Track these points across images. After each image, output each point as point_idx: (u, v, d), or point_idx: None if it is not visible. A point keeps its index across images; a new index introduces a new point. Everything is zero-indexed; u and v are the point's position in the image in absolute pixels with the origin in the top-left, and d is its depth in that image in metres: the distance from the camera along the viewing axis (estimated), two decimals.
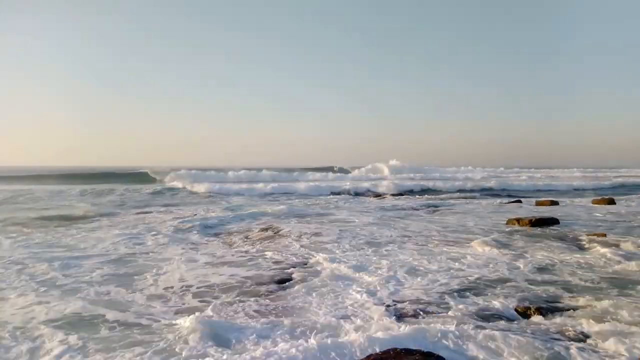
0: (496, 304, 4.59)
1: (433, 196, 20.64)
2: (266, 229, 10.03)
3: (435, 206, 15.46)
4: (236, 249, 7.95)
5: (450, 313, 4.41)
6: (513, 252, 7.23)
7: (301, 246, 7.90)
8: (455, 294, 5.03)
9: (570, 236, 8.70)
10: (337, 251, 7.46)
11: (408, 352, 3.24)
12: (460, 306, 4.56)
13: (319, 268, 6.28)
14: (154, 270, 6.26)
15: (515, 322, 4.16)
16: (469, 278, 5.66)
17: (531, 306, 4.46)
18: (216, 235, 9.64)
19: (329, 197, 20.65)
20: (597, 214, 12.57)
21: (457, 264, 6.48)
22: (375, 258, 6.89)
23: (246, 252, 7.66)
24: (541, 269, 6.11)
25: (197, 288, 5.42)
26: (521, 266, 6.28)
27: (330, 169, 49.65)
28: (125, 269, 6.40)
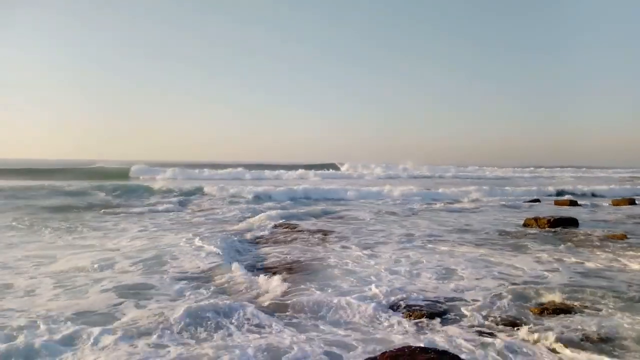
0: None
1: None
2: None
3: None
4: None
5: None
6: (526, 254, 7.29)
7: None
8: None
9: (588, 237, 8.76)
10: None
11: (423, 350, 3.33)
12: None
13: None
14: None
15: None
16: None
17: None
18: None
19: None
20: (618, 215, 12.67)
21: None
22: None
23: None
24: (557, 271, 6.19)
25: None
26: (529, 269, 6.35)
27: (331, 165, 49.76)
28: None
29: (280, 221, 11.11)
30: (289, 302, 4.84)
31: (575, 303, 4.72)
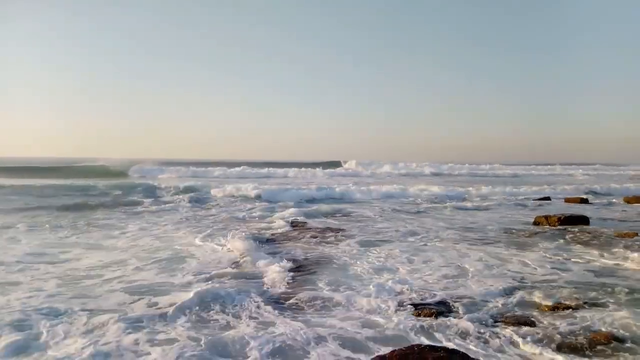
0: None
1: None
2: None
3: None
4: None
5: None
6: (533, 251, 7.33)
7: None
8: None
9: (599, 235, 8.73)
10: None
11: (432, 348, 3.39)
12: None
13: None
14: None
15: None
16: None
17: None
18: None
19: None
20: (630, 212, 12.60)
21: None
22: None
23: None
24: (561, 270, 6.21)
25: None
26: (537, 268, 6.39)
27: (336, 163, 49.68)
28: None
29: (290, 219, 11.20)
30: (299, 298, 4.93)
31: (586, 301, 4.73)
